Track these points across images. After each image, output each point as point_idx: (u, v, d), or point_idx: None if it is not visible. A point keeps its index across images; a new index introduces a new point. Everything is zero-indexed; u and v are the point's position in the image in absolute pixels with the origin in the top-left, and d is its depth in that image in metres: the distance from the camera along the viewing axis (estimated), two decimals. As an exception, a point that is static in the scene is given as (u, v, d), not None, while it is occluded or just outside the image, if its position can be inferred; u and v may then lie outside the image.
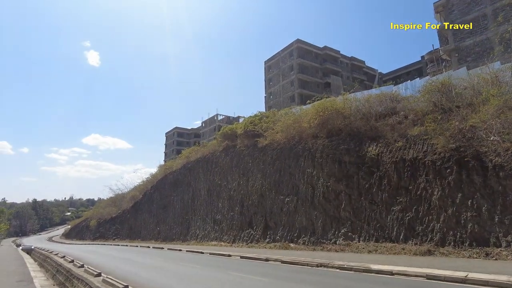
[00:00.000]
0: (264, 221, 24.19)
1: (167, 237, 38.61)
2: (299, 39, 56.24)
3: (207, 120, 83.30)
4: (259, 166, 26.41)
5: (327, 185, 20.39)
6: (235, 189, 28.58)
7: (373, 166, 18.74)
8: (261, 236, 23.90)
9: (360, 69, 65.21)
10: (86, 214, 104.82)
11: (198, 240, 31.50)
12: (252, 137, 29.28)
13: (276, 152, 25.30)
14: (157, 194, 45.77)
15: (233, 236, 26.73)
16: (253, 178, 26.71)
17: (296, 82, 54.35)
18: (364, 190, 18.57)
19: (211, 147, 36.49)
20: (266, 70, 62.37)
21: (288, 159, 24.02)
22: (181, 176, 39.92)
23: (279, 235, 22.53)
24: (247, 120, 30.87)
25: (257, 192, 25.55)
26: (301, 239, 20.82)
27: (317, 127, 23.13)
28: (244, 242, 25.06)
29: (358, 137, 20.86)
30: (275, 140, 26.09)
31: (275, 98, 58.26)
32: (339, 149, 20.79)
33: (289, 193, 22.93)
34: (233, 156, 30.55)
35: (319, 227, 20.03)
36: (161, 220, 42.00)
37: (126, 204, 58.89)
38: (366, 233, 17.70)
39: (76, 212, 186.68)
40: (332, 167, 20.47)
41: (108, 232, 61.49)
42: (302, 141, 24.00)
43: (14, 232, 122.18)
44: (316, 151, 22.14)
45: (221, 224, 28.98)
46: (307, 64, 56.43)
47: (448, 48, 35.40)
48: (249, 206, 26.19)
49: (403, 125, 19.57)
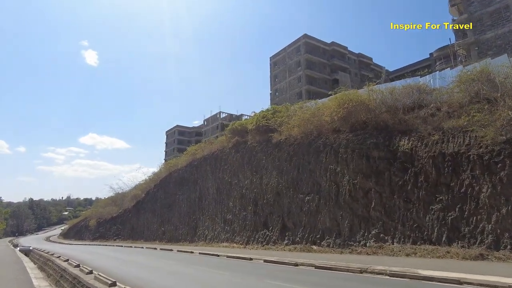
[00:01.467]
0: (281, 222, 22.61)
1: (173, 238, 36.91)
2: (307, 34, 54.73)
3: (210, 118, 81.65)
4: (274, 162, 24.83)
5: (354, 182, 18.84)
6: (247, 187, 26.97)
7: (406, 162, 17.22)
8: (278, 238, 22.31)
9: (368, 66, 63.79)
10: (84, 214, 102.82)
11: (207, 241, 29.85)
12: (265, 133, 27.71)
13: (293, 148, 23.72)
14: (161, 193, 44.04)
15: (246, 237, 25.11)
16: (267, 176, 25.12)
17: (304, 78, 52.81)
18: (397, 188, 17.04)
19: (219, 143, 34.88)
20: (272, 67, 60.80)
21: (307, 155, 22.45)
22: (187, 174, 38.24)
23: (299, 236, 20.95)
24: (259, 115, 29.29)
25: (273, 190, 23.96)
26: (325, 241, 19.24)
27: (339, 121, 21.59)
28: (259, 244, 23.46)
29: (387, 131, 19.35)
30: (291, 135, 24.52)
31: (281, 95, 56.69)
32: (366, 143, 19.25)
33: (309, 192, 21.35)
34: (244, 153, 28.95)
35: (346, 228, 18.46)
36: (165, 220, 40.28)
37: (128, 203, 57.08)
38: (401, 235, 16.16)
39: (74, 211, 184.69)
40: (359, 163, 18.92)
41: (108, 232, 59.66)
42: (322, 135, 22.44)
43: (10, 231, 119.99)
44: (339, 146, 20.58)
45: (233, 225, 27.36)
46: (315, 60, 54.93)
47: (467, 41, 33.99)
48: (263, 206, 24.59)
49: (437, 118, 18.12)
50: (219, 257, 19.69)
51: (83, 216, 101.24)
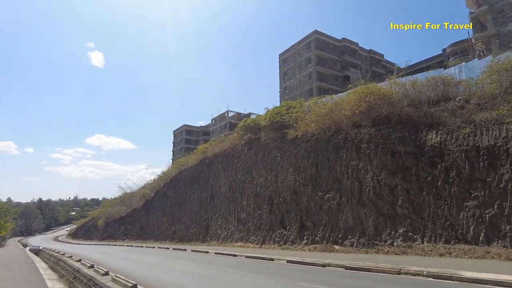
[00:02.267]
0: (299, 221, 21.75)
1: (184, 237, 36.20)
2: (317, 30, 53.82)
3: (217, 117, 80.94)
4: (290, 160, 23.97)
5: (378, 179, 17.93)
6: (262, 185, 26.15)
7: (435, 156, 16.27)
8: (297, 237, 21.45)
9: (379, 62, 62.61)
10: (92, 214, 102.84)
11: (220, 240, 29.07)
12: (279, 129, 26.87)
13: (310, 144, 22.84)
14: (171, 192, 43.37)
15: (262, 236, 24.29)
16: (283, 173, 24.27)
17: (314, 75, 51.85)
18: (426, 184, 16.10)
19: (231, 141, 34.11)
20: (281, 64, 59.91)
21: (326, 151, 21.56)
22: (198, 173, 37.52)
23: (319, 236, 20.07)
24: (273, 111, 28.45)
25: (289, 188, 23.11)
26: (347, 241, 18.34)
27: (360, 115, 20.70)
28: (276, 244, 22.62)
29: (411, 125, 18.43)
30: (308, 131, 23.66)
31: (291, 92, 55.77)
32: (390, 138, 18.32)
33: (329, 189, 20.47)
34: (257, 150, 28.13)
35: (370, 226, 17.55)
36: (176, 219, 39.60)
37: (137, 202, 56.56)
38: (432, 233, 15.22)
39: (81, 211, 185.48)
40: (384, 159, 17.99)
41: (117, 232, 59.20)
42: (342, 131, 21.55)
43: (19, 231, 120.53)
44: (361, 141, 19.67)
45: (247, 224, 26.54)
46: (325, 56, 53.93)
47: (487, 34, 32.83)
48: (280, 204, 23.75)
49: (466, 110, 17.16)
50: (237, 257, 18.89)
51: (91, 216, 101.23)
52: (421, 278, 10.44)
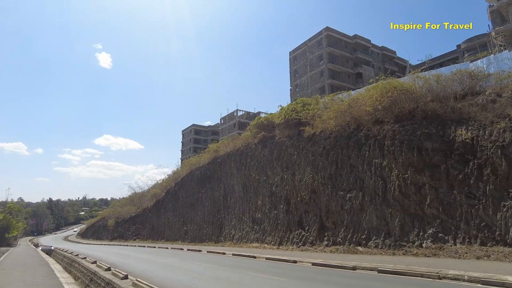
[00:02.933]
0: (319, 221, 20.98)
1: (196, 238, 35.64)
2: (328, 27, 52.85)
3: (226, 116, 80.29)
4: (308, 158, 23.20)
5: (404, 177, 17.08)
6: (277, 184, 25.42)
7: (467, 153, 15.39)
8: (316, 238, 20.69)
9: (391, 59, 61.40)
10: (102, 213, 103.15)
11: (234, 241, 28.43)
12: (295, 127, 26.13)
13: (329, 142, 22.05)
14: (182, 192, 42.84)
15: (278, 237, 23.57)
16: (300, 172, 23.52)
17: (326, 72, 50.92)
18: (457, 182, 15.23)
19: (244, 139, 33.42)
20: (291, 62, 59.05)
21: (347, 148, 20.75)
22: (210, 172, 36.92)
23: (340, 237, 19.29)
24: (288, 108, 27.71)
25: (308, 187, 22.34)
26: (372, 242, 17.54)
27: (383, 111, 19.88)
28: (294, 245, 21.89)
29: (438, 121, 17.54)
30: (327, 128, 22.87)
31: (302, 90, 54.90)
32: (416, 134, 17.46)
33: (351, 188, 19.66)
34: (272, 148, 27.40)
35: (396, 227, 16.72)
36: (188, 219, 39.07)
37: (147, 202, 56.21)
38: (465, 234, 14.36)
39: (90, 211, 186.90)
40: (409, 156, 17.14)
41: (127, 232, 58.98)
42: (363, 127, 20.73)
43: (30, 231, 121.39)
44: (384, 138, 18.84)
45: (263, 224, 25.85)
46: (337, 53, 52.95)
47: (509, 27, 31.63)
48: (297, 204, 23.00)
49: (498, 104, 16.22)
50: (256, 259, 18.20)
51: (101, 215, 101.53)
52: (465, 283, 9.62)
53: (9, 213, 66.92)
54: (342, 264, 13.45)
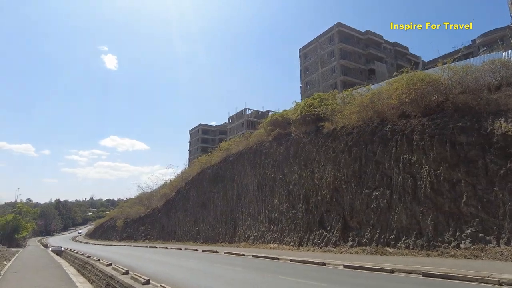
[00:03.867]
0: (342, 221, 19.97)
1: (209, 238, 34.79)
2: (340, 22, 51.73)
3: (235, 116, 79.50)
4: (328, 155, 22.21)
5: (436, 173, 16.02)
6: (295, 183, 24.45)
7: (508, 146, 14.29)
8: (340, 239, 19.68)
9: (404, 55, 60.07)
10: (110, 214, 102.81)
11: (250, 242, 27.50)
12: (313, 122, 25.16)
13: (351, 138, 21.03)
14: (193, 191, 42.03)
15: (298, 238, 22.60)
16: (320, 170, 22.53)
17: (339, 69, 49.84)
18: (498, 178, 14.14)
19: (257, 137, 32.50)
20: (301, 58, 58.01)
21: (371, 144, 19.73)
22: (222, 171, 36.04)
23: (366, 237, 18.27)
24: (305, 104, 26.71)
25: (329, 185, 21.34)
26: (402, 242, 16.50)
27: (409, 104, 18.83)
28: (316, 246, 20.90)
29: (471, 113, 16.44)
30: (348, 124, 21.86)
31: (313, 88, 53.87)
32: (448, 128, 16.40)
33: (377, 186, 18.63)
34: (288, 145, 26.44)
35: (429, 226, 15.67)
36: (199, 219, 38.24)
37: (156, 202, 55.53)
38: (510, 234, 13.26)
39: (97, 212, 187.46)
40: (441, 151, 16.08)
41: (136, 233, 58.35)
42: (387, 122, 19.70)
43: (39, 231, 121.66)
44: (412, 132, 17.80)
45: (280, 224, 24.89)
46: (349, 49, 51.84)
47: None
48: (318, 203, 22.01)
49: (539, 95, 15.15)
50: (280, 260, 17.26)
51: (108, 216, 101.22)
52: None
53: (18, 213, 66.78)
54: (378, 267, 12.47)
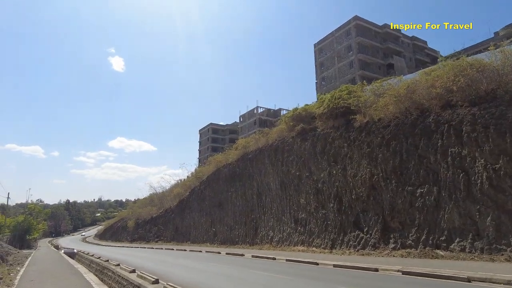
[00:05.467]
0: (382, 221, 18.34)
1: (227, 240, 33.35)
2: (357, 16, 50.09)
3: (246, 114, 78.00)
4: (362, 150, 20.59)
5: (495, 167, 14.32)
6: (324, 180, 22.87)
7: None
8: (379, 241, 18.05)
9: (422, 50, 58.14)
10: (120, 214, 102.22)
11: (273, 244, 25.98)
12: (341, 116, 23.59)
13: (389, 131, 19.39)
14: (209, 190, 40.62)
15: (330, 240, 21.02)
16: (353, 166, 20.92)
17: (357, 63, 48.11)
18: None
19: (277, 133, 30.99)
20: (317, 54, 56.38)
21: (412, 137, 18.07)
22: (240, 169, 34.57)
23: (411, 238, 16.62)
24: (332, 96, 25.13)
25: (365, 183, 19.72)
26: (455, 245, 14.83)
27: (456, 93, 17.19)
28: (351, 248, 19.30)
29: (531, 101, 14.75)
30: (385, 116, 20.23)
31: (329, 83, 52.17)
32: (506, 117, 14.70)
33: (421, 183, 16.97)
34: (315, 141, 24.86)
35: (489, 227, 13.97)
36: (216, 220, 36.81)
37: (169, 202, 54.28)
38: None
39: (106, 213, 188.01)
40: (500, 143, 14.39)
41: (148, 234, 57.20)
42: (430, 112, 18.04)
43: (49, 232, 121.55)
44: (461, 123, 16.12)
45: (308, 225, 23.32)
46: (367, 43, 50.09)
47: None
48: (352, 202, 20.40)
49: None
50: (320, 265, 15.67)
51: (118, 216, 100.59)
52: None
53: (29, 214, 66.08)
54: (450, 274, 10.78)
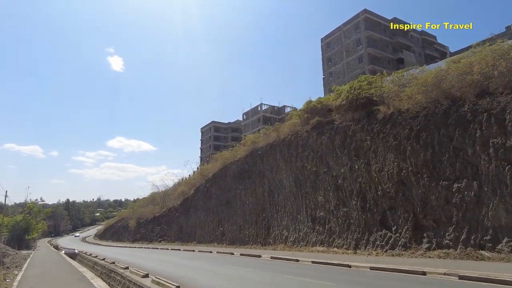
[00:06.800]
0: (413, 219, 16.89)
1: (236, 239, 31.89)
2: (367, 9, 48.65)
3: (249, 111, 76.54)
4: (388, 143, 19.14)
5: (548, 159, 12.90)
6: (345, 176, 21.42)
7: None
8: (411, 240, 16.61)
9: (432, 45, 56.78)
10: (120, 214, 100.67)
11: (289, 244, 24.53)
12: (362, 107, 22.17)
13: (418, 122, 17.95)
14: (215, 188, 39.11)
15: (353, 239, 19.57)
16: (378, 160, 19.47)
17: (366, 58, 46.71)
18: None
19: (289, 127, 29.53)
20: (324, 49, 54.93)
21: (445, 128, 16.63)
22: (249, 166, 33.10)
23: (448, 238, 15.19)
24: (351, 87, 23.70)
25: (392, 178, 18.27)
26: (503, 245, 13.37)
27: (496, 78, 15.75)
28: (378, 249, 17.84)
29: None
30: (412, 107, 18.80)
31: (337, 78, 50.74)
32: (558, 104, 13.28)
33: (458, 177, 15.52)
34: (332, 135, 23.42)
35: (543, 225, 12.55)
36: (224, 219, 35.33)
37: (172, 201, 52.75)
38: None
39: (105, 212, 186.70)
40: (554, 132, 12.95)
41: (151, 234, 55.68)
42: (462, 102, 16.61)
43: (48, 232, 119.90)
44: (503, 111, 14.72)
45: (328, 224, 21.87)
46: (376, 37, 48.70)
47: None
48: (377, 199, 18.95)
49: None
50: (352, 268, 14.22)
51: (119, 216, 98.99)
52: None
53: (28, 213, 64.44)
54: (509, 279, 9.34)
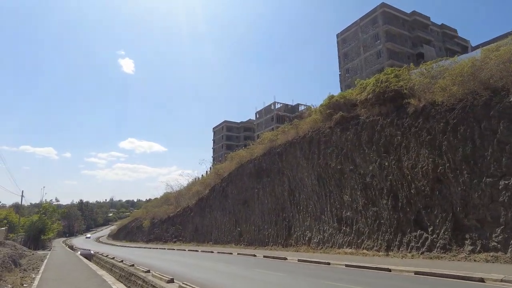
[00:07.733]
0: (452, 218, 15.69)
1: (255, 240, 30.97)
2: (384, 2, 47.18)
3: (263, 110, 75.58)
4: (421, 137, 17.95)
5: None
6: (373, 174, 20.29)
7: None
8: (451, 242, 15.42)
9: (452, 39, 54.89)
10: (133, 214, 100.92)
11: (312, 245, 23.49)
12: (390, 101, 21.01)
13: (454, 114, 16.72)
14: (231, 188, 38.28)
15: (384, 241, 18.44)
16: (410, 157, 18.29)
17: (385, 53, 45.29)
18: None
19: (310, 123, 28.42)
20: (340, 44, 53.60)
21: (487, 120, 15.38)
22: (267, 164, 32.13)
23: (495, 240, 13.95)
24: (377, 80, 22.57)
25: (427, 175, 17.08)
26: None
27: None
28: (413, 251, 16.69)
29: None
30: (446, 99, 17.57)
31: (354, 74, 49.37)
32: None
33: (505, 173, 14.26)
34: (359, 130, 22.28)
35: None
36: (241, 219, 34.45)
37: (187, 201, 52.12)
38: None
39: (117, 213, 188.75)
40: None
41: (165, 234, 55.21)
42: (507, 92, 15.32)
43: (62, 232, 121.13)
44: (557, 101, 13.37)
45: (356, 224, 20.75)
46: (395, 31, 47.19)
47: None
48: (411, 198, 17.78)
49: None
50: (393, 272, 13.10)
51: (132, 216, 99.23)
52: None
53: (44, 213, 64.70)
54: None
